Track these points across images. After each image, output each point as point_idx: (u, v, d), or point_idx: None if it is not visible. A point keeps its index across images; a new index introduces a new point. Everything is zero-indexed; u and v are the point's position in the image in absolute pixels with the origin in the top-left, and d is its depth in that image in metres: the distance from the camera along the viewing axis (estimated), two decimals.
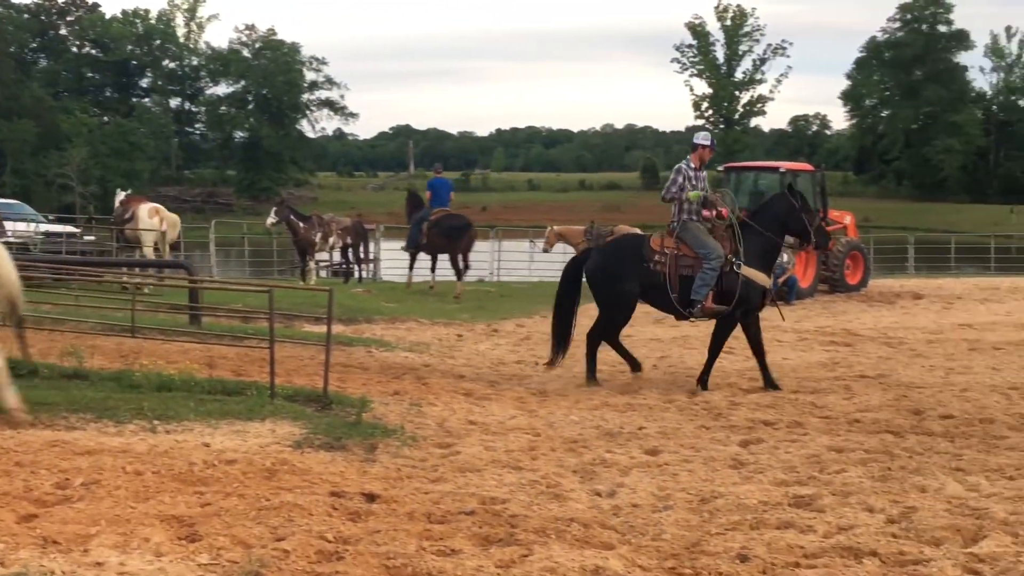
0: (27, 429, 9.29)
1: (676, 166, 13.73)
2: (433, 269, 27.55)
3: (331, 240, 30.32)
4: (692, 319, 13.83)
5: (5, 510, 6.82)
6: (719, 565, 6.31)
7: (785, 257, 25.24)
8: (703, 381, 13.15)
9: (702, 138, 13.91)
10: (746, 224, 13.45)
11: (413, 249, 27.20)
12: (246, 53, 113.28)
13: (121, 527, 6.57)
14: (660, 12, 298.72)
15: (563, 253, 34.99)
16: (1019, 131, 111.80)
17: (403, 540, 6.58)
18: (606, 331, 13.74)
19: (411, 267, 27.86)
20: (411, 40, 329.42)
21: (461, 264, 26.23)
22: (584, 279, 13.86)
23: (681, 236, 13.37)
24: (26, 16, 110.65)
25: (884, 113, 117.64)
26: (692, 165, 13.58)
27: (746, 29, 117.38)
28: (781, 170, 28.40)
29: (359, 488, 7.79)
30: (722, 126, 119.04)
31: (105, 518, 6.73)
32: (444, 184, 28.25)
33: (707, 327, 14.00)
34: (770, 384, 13.02)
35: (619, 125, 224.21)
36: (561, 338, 13.75)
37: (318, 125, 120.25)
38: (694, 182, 13.46)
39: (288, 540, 6.43)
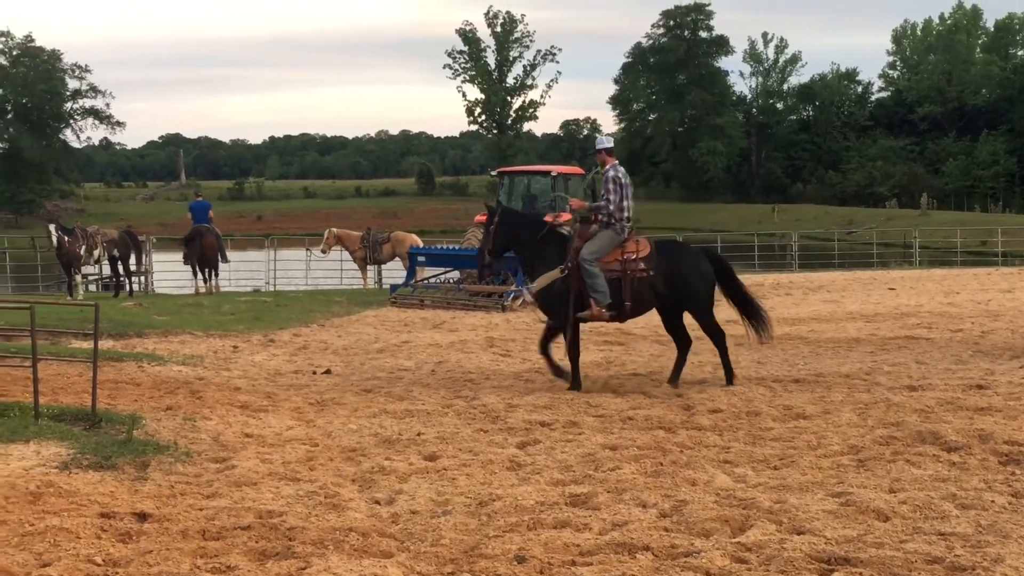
0: None
1: (614, 174, 13.62)
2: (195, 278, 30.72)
3: (96, 252, 29.40)
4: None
5: None
6: (497, 567, 6.38)
7: None
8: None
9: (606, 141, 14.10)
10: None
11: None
12: (3, 61, 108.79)
13: None
14: (431, 18, 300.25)
15: (339, 259, 34.93)
16: (778, 133, 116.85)
17: (176, 559, 6.43)
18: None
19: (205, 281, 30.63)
20: (180, 47, 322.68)
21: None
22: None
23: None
24: None
25: (651, 117, 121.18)
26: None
27: (516, 35, 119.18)
28: (553, 173, 28.92)
29: (130, 508, 7.57)
30: (495, 131, 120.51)
31: None
32: (203, 205, 31.46)
33: (483, 331, 14.10)
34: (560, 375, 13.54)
35: (394, 131, 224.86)
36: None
37: (83, 135, 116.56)
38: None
39: (54, 566, 6.21)
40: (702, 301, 13.55)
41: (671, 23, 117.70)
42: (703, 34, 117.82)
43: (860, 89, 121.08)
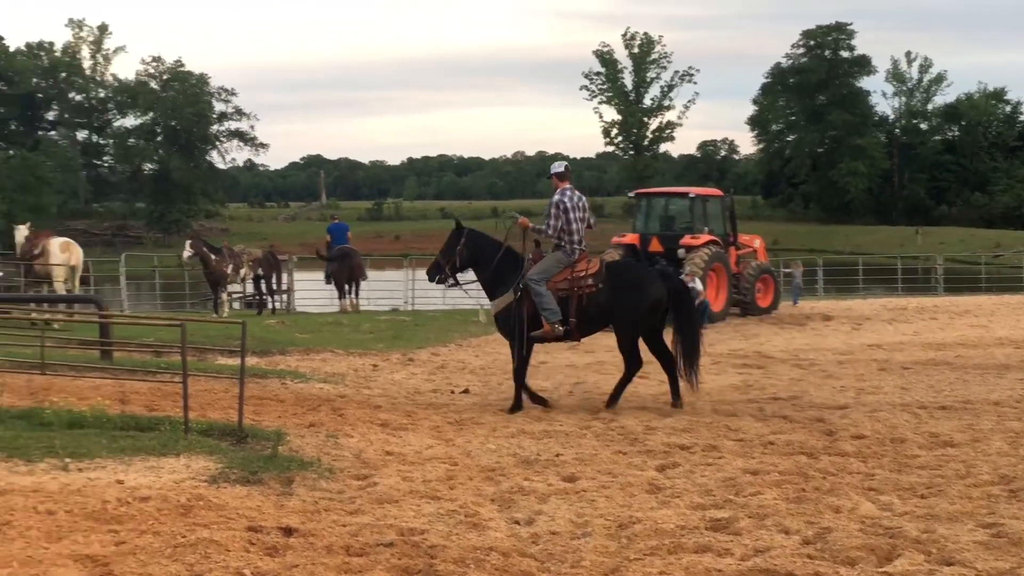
0: None
1: (558, 198, 13.88)
2: (341, 297, 32.09)
3: (242, 271, 30.14)
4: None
5: None
6: None
7: (699, 285, 25.55)
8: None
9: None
10: None
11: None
12: (154, 85, 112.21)
13: (34, 568, 6.46)
14: (569, 40, 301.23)
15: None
16: (921, 154, 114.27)
17: (321, 574, 6.55)
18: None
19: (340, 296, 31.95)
20: (322, 71, 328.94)
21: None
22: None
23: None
24: None
25: (790, 137, 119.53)
26: None
27: (653, 56, 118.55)
28: (691, 195, 28.75)
29: (276, 522, 7.72)
30: (632, 152, 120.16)
31: (17, 559, 6.61)
32: (341, 227, 33.16)
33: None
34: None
35: (530, 152, 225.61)
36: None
37: (228, 156, 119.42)
38: None
39: None
40: (629, 319, 13.77)
41: (812, 43, 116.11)
42: (844, 54, 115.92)
43: (1008, 109, 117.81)
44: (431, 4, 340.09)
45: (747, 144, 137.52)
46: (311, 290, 36.30)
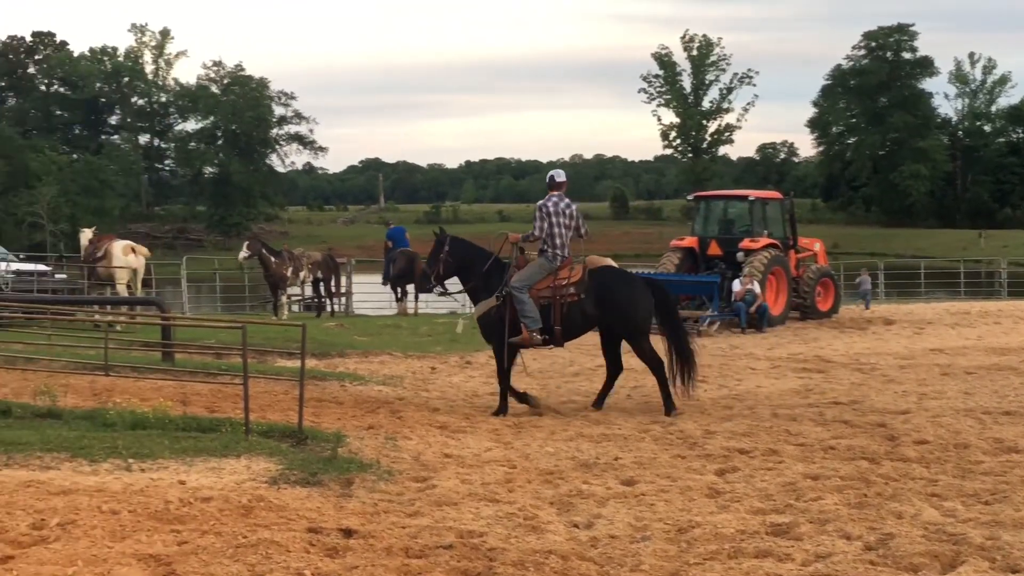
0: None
1: (542, 203, 13.96)
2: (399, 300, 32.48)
3: (302, 274, 30.36)
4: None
5: None
6: None
7: (757, 288, 25.41)
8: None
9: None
10: None
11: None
12: (215, 89, 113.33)
13: (98, 567, 6.53)
14: (627, 43, 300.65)
15: None
16: (985, 156, 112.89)
17: (381, 575, 6.56)
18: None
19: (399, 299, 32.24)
20: (380, 75, 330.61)
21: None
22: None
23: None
24: None
25: (851, 140, 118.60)
26: None
27: (712, 58, 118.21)
28: (750, 198, 28.59)
29: (336, 524, 7.76)
30: (690, 155, 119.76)
31: (82, 558, 6.69)
32: (400, 230, 33.61)
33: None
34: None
35: (588, 155, 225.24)
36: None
37: (287, 159, 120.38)
38: None
39: None
40: (632, 325, 13.88)
41: (873, 44, 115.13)
42: (906, 55, 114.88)
43: None
44: (488, 8, 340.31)
45: (807, 147, 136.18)
46: (369, 293, 36.46)
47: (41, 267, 30.50)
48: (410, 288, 31.03)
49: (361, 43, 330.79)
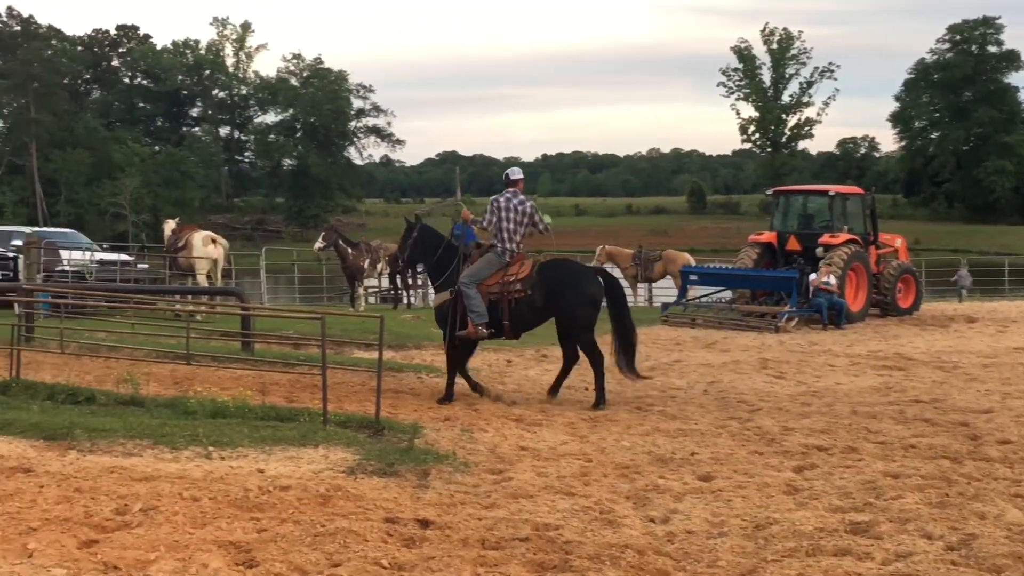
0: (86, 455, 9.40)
1: (495, 197, 14.15)
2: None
3: (379, 266, 30.52)
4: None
5: (67, 536, 6.88)
6: None
7: (833, 280, 25.14)
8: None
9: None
10: None
11: None
12: (294, 82, 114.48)
13: (180, 553, 6.63)
14: (706, 36, 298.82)
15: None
16: None
17: (458, 566, 6.59)
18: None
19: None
20: (457, 68, 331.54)
21: None
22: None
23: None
24: (79, 48, 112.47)
25: (934, 135, 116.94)
26: None
27: (792, 52, 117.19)
28: (830, 193, 28.30)
29: (413, 514, 7.80)
30: (769, 149, 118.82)
31: (164, 544, 6.79)
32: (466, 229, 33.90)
33: (755, 352, 13.92)
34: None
35: (665, 149, 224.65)
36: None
37: (365, 152, 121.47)
38: None
39: (344, 566, 6.46)
40: (578, 319, 13.97)
41: (957, 38, 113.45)
42: (992, 49, 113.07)
43: None
44: (569, 1, 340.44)
45: (888, 141, 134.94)
46: None
47: (124, 257, 30.92)
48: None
49: (441, 35, 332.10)
